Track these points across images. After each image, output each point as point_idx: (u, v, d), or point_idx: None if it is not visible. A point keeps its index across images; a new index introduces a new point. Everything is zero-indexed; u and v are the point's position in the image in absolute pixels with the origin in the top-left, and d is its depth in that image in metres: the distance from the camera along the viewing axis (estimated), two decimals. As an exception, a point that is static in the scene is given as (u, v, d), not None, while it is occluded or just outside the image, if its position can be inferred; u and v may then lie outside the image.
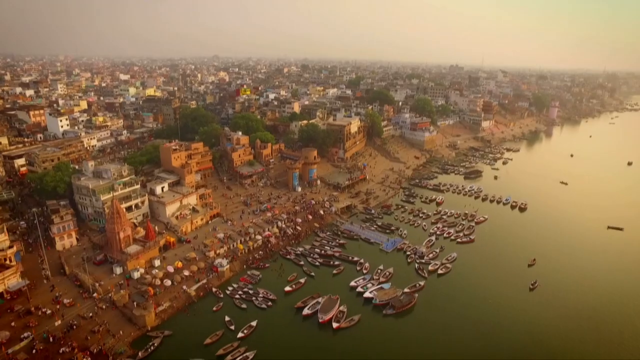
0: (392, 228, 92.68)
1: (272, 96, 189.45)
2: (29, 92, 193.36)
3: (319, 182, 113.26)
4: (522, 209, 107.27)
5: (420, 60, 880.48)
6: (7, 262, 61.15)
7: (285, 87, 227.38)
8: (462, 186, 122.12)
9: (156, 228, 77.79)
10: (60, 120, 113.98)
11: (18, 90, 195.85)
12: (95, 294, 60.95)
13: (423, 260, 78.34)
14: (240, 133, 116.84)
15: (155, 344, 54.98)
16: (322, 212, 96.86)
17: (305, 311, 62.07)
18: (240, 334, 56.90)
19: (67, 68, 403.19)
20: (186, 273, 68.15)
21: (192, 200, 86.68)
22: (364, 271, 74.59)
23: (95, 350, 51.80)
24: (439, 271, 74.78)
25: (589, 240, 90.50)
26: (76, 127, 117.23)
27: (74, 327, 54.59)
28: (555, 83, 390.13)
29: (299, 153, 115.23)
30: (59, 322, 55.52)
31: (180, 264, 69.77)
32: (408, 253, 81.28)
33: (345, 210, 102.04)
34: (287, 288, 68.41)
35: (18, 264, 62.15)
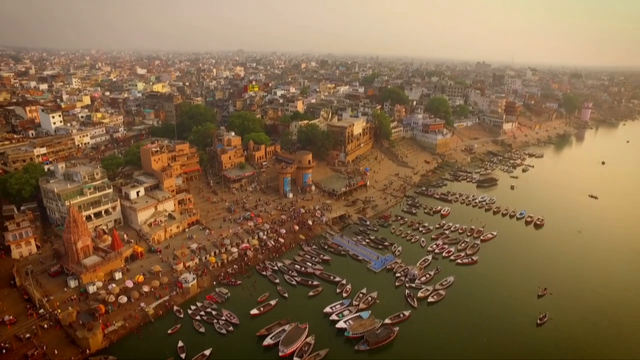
0: (386, 243, 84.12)
1: (280, 93, 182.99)
2: (43, 87, 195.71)
3: (313, 188, 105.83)
4: (538, 226, 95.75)
5: (447, 56, 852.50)
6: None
7: (297, 84, 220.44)
8: (473, 196, 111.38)
9: (125, 236, 72.97)
10: (53, 117, 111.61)
11: (33, 84, 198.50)
12: (41, 310, 56.33)
13: (414, 285, 69.58)
14: (233, 133, 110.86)
15: (93, 374, 49.68)
16: (310, 222, 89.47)
17: (267, 341, 55.18)
18: (188, 365, 50.83)
19: (94, 62, 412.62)
20: (146, 289, 62.62)
21: (170, 206, 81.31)
22: (344, 294, 66.79)
23: (23, 378, 46.94)
24: (430, 298, 65.85)
25: (616, 271, 77.46)
26: (69, 124, 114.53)
27: (4, 350, 49.80)
28: (591, 82, 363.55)
29: (296, 156, 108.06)
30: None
31: (141, 278, 64.37)
32: (398, 275, 72.66)
33: (337, 220, 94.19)
34: (254, 311, 61.71)
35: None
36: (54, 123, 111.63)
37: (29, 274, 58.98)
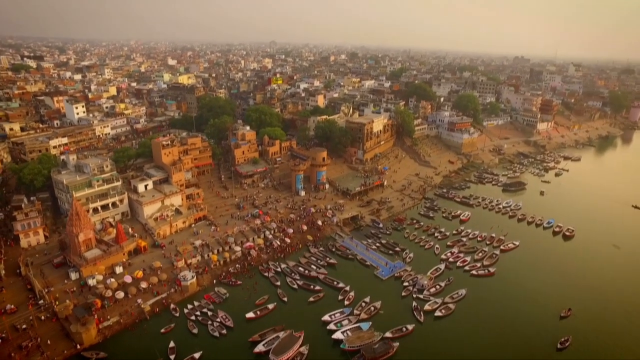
0: (397, 248, 79.87)
1: (303, 86, 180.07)
2: (77, 77, 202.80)
3: (327, 186, 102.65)
4: (567, 237, 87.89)
5: (485, 50, 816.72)
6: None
7: (323, 77, 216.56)
8: (497, 201, 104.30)
9: (130, 230, 73.04)
10: (76, 108, 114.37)
11: (68, 74, 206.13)
12: (41, 301, 56.98)
13: (421, 296, 65.27)
14: (248, 127, 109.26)
15: (83, 370, 49.45)
16: (320, 222, 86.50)
17: (259, 347, 53.10)
18: (176, 368, 49.65)
19: (130, 53, 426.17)
20: (144, 285, 62.15)
21: (177, 200, 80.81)
22: (346, 302, 63.61)
23: (13, 370, 47.31)
24: (437, 312, 61.41)
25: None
26: (91, 115, 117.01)
27: (0, 340, 50.44)
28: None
29: (310, 153, 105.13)
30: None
31: (140, 274, 63.96)
32: (406, 284, 68.53)
33: (349, 221, 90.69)
34: (250, 314, 59.83)
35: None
36: (77, 113, 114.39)
37: (28, 265, 59.81)
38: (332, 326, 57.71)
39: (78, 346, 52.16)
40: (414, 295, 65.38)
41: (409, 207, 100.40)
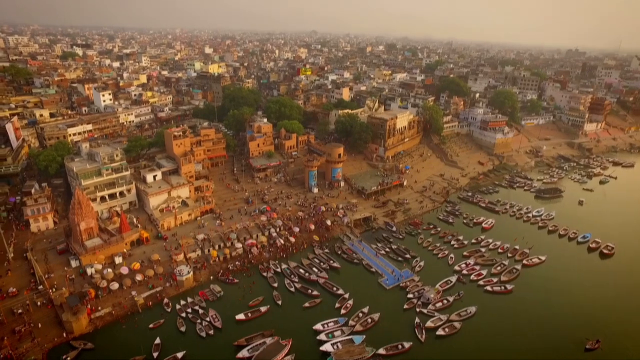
0: (407, 255, 74.93)
1: (332, 78, 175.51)
2: (116, 65, 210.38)
3: (342, 183, 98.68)
4: (605, 255, 78.40)
5: (536, 42, 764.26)
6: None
7: (354, 69, 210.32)
8: (527, 208, 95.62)
9: (135, 220, 73.43)
10: (103, 95, 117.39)
11: (108, 62, 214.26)
12: (40, 286, 58.22)
13: (425, 310, 60.42)
14: (265, 120, 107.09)
15: (69, 359, 49.66)
16: (329, 222, 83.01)
17: (243, 353, 51.09)
18: (157, 367, 48.75)
19: (172, 41, 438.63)
20: (139, 278, 61.98)
21: (184, 192, 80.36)
22: (343, 310, 60.10)
23: (3, 355, 48.26)
24: (440, 331, 56.42)
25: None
26: (117, 102, 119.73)
27: (-4, 323, 51.83)
28: None
29: (326, 148, 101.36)
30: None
31: (137, 266, 63.91)
32: (410, 295, 63.81)
33: (361, 222, 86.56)
34: (241, 316, 57.94)
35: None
36: (104, 101, 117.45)
37: (28, 251, 61.31)
38: (322, 336, 54.53)
39: (68, 335, 52.68)
40: (417, 309, 60.61)
41: (428, 211, 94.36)
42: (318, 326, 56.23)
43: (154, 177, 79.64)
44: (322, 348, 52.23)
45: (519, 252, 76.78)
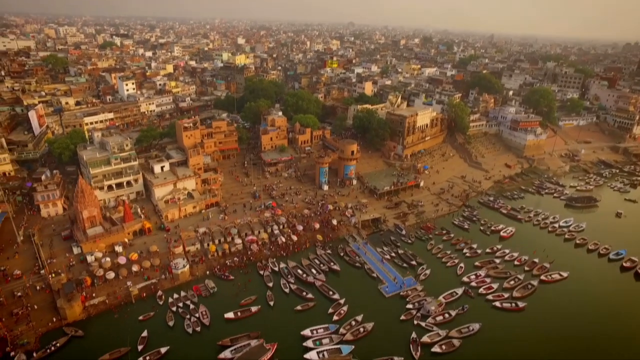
0: (413, 262, 70.92)
1: (358, 71, 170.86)
2: (149, 54, 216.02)
3: (354, 181, 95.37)
4: None
5: (590, 35, 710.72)
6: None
7: (383, 62, 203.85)
8: (554, 217, 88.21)
9: (139, 210, 74.13)
10: (126, 84, 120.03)
11: (140, 51, 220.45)
12: (42, 271, 59.91)
13: (423, 323, 56.67)
14: (280, 113, 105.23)
15: (58, 345, 50.59)
16: (335, 222, 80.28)
17: (225, 354, 50.00)
18: (139, 360, 48.63)
19: (209, 31, 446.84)
20: (135, 268, 62.40)
21: (190, 184, 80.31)
22: (336, 317, 57.55)
23: (-1, 335, 49.95)
24: (436, 347, 52.56)
25: None
26: (139, 92, 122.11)
27: (-2, 304, 53.71)
28: None
29: (340, 144, 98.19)
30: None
31: (135, 256, 64.38)
32: (409, 306, 60.15)
33: (369, 224, 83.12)
34: (230, 315, 56.92)
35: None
36: (127, 90, 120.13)
37: (30, 236, 63.15)
38: (309, 343, 52.41)
39: (62, 320, 53.81)
40: (415, 322, 56.95)
41: (443, 215, 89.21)
42: (307, 332, 54.10)
43: (162, 168, 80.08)
44: (307, 356, 50.12)
45: (538, 266, 70.63)
